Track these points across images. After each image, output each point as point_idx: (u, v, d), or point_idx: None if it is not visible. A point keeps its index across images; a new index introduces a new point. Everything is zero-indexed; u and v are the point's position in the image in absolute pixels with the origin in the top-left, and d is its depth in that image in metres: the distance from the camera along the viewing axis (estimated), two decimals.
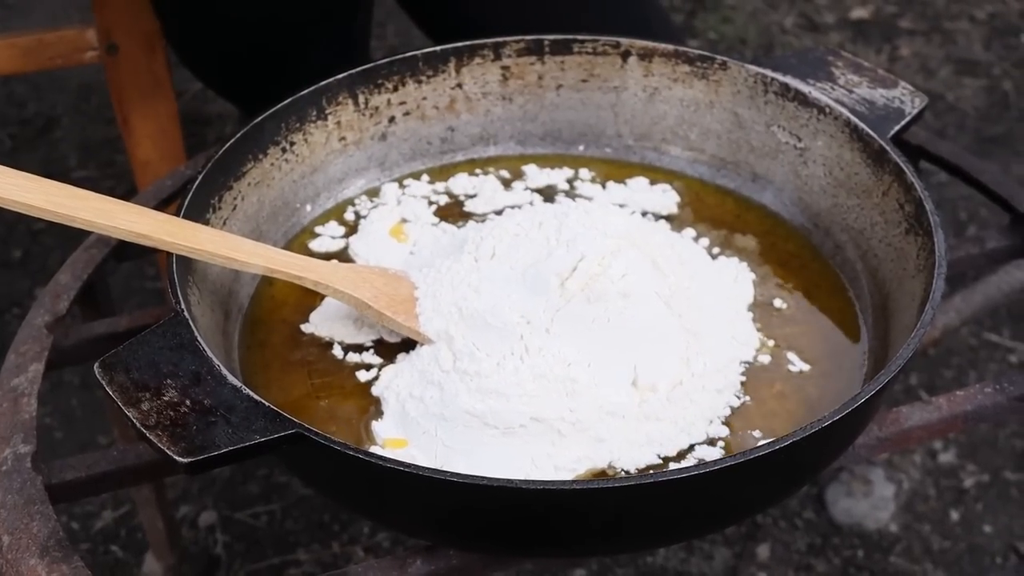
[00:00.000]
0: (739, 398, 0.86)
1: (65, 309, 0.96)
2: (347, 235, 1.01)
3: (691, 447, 0.83)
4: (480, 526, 0.77)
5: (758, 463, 0.72)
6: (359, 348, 0.90)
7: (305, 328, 0.92)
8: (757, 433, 0.84)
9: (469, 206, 1.03)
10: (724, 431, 0.84)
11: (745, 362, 0.89)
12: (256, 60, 1.36)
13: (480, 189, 1.05)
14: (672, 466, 0.82)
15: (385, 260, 0.96)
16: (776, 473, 0.78)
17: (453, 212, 1.03)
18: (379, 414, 0.85)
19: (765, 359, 0.89)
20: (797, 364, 0.89)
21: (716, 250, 0.99)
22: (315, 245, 1.00)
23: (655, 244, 0.89)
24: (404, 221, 1.01)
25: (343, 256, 0.99)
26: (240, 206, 0.95)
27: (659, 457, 0.82)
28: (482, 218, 1.01)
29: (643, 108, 1.06)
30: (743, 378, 0.88)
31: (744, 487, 0.77)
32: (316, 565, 1.43)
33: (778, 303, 0.94)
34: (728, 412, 0.85)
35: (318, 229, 1.01)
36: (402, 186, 1.05)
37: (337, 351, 0.90)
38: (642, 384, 0.83)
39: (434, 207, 1.03)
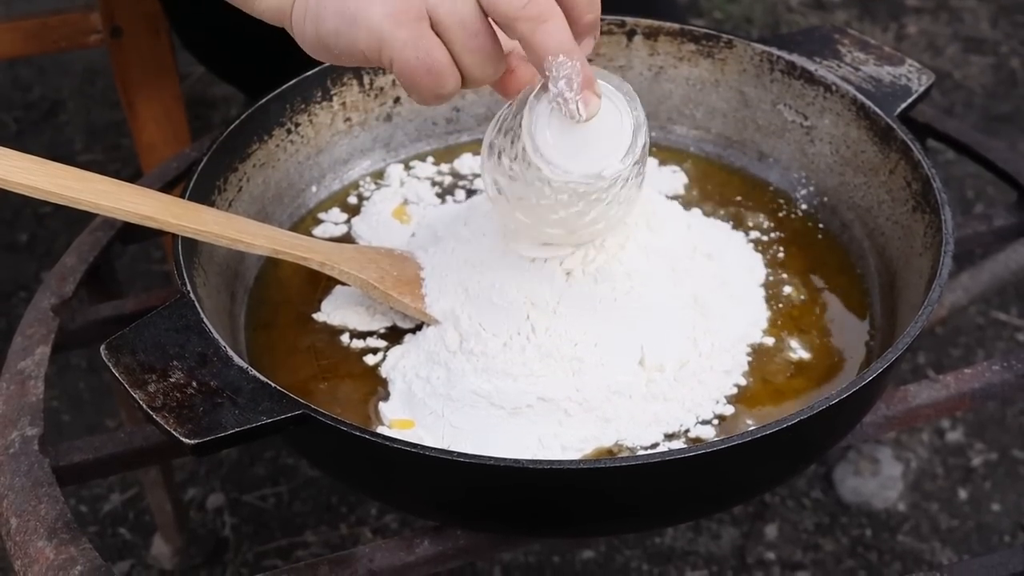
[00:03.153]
0: (746, 378, 0.86)
1: (71, 292, 0.96)
2: (350, 219, 1.01)
3: (697, 426, 0.83)
4: (487, 506, 0.77)
5: (766, 442, 0.72)
6: (369, 334, 0.90)
7: (317, 317, 0.91)
8: (765, 412, 0.84)
9: (478, 184, 1.03)
10: (731, 410, 0.84)
11: (753, 342, 0.89)
12: (258, 44, 1.36)
13: None
14: (678, 445, 0.81)
15: (387, 241, 0.96)
16: (784, 452, 0.78)
17: (458, 191, 1.03)
18: (386, 395, 0.85)
19: (772, 339, 0.89)
20: (804, 343, 0.89)
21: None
22: (319, 231, 0.99)
23: (664, 220, 0.89)
24: (407, 203, 1.01)
25: (346, 240, 0.99)
26: (245, 188, 0.95)
27: (665, 436, 0.82)
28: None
29: (648, 87, 1.06)
30: (750, 358, 0.87)
31: (752, 466, 0.77)
32: (324, 546, 1.43)
33: (785, 282, 0.94)
34: (735, 392, 0.85)
35: (321, 215, 1.01)
36: (407, 168, 1.05)
37: (345, 335, 0.90)
38: (649, 363, 0.83)
39: (437, 188, 1.03)
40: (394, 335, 0.89)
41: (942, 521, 1.46)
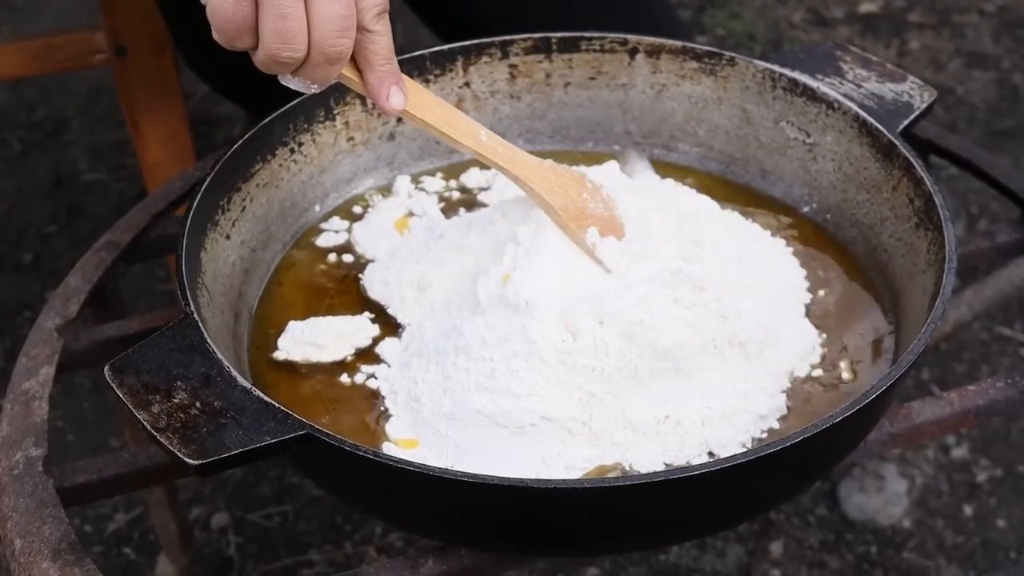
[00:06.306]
0: (781, 423, 0.84)
1: (75, 312, 0.96)
2: (351, 226, 1.01)
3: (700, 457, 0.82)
4: (491, 525, 0.77)
5: (769, 460, 0.72)
6: (360, 357, 0.90)
7: (276, 356, 0.89)
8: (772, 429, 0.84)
9: (483, 198, 1.03)
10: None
11: (797, 377, 0.87)
12: None
13: (493, 182, 1.05)
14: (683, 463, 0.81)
15: (383, 251, 0.96)
16: (788, 470, 0.78)
17: (463, 206, 1.03)
18: (390, 414, 0.85)
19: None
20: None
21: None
22: (321, 241, 0.99)
23: (703, 228, 0.88)
24: (411, 215, 1.01)
25: (346, 247, 0.99)
26: (249, 207, 0.95)
27: (666, 465, 0.82)
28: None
29: (651, 105, 1.06)
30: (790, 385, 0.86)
31: (756, 484, 0.77)
32: (329, 566, 1.43)
33: None
34: (765, 436, 0.84)
35: (323, 225, 1.01)
36: (416, 181, 1.05)
37: (350, 355, 0.90)
38: (680, 413, 0.82)
39: (443, 203, 1.03)
40: (394, 353, 0.89)
41: (947, 537, 1.45)
